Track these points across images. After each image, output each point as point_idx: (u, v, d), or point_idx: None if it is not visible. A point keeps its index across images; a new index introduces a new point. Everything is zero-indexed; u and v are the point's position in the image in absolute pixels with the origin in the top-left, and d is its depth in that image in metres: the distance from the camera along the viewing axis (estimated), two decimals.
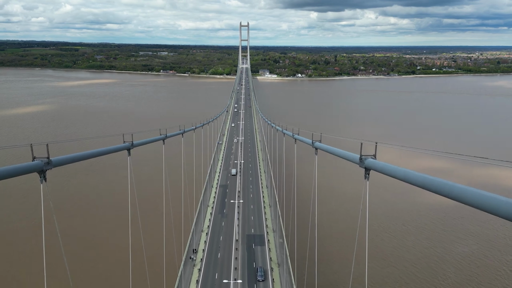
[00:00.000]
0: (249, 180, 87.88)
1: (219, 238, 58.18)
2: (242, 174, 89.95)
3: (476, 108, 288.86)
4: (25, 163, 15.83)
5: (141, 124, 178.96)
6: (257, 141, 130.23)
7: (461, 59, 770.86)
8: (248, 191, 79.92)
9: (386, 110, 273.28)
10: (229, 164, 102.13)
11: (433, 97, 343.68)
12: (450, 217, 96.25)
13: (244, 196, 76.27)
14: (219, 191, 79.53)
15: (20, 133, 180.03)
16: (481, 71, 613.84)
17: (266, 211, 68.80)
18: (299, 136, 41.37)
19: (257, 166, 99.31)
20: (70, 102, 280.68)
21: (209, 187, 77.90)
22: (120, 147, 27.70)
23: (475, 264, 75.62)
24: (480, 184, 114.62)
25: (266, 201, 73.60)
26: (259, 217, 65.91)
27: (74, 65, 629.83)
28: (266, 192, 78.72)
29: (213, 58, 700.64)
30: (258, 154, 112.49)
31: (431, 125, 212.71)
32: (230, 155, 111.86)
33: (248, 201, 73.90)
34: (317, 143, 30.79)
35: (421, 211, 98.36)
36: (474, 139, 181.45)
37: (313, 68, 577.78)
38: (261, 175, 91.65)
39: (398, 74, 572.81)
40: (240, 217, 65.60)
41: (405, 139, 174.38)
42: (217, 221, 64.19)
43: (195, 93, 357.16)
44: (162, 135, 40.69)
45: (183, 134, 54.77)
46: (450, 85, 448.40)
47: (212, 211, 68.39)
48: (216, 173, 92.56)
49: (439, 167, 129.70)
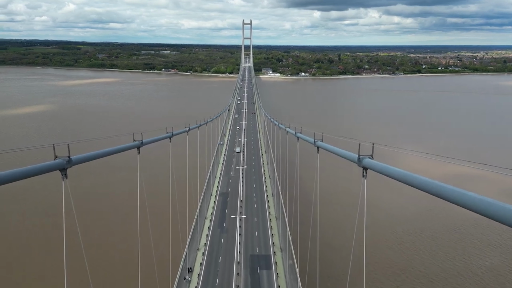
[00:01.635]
0: (253, 187, 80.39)
1: (218, 258, 50.93)
2: (244, 180, 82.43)
3: (493, 107, 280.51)
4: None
5: (142, 124, 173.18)
6: (261, 143, 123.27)
7: (466, 58, 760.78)
8: (251, 200, 72.51)
9: (394, 109, 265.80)
10: (230, 168, 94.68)
11: (444, 97, 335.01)
12: (467, 225, 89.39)
13: (247, 207, 68.49)
14: (219, 200, 71.92)
15: (26, 133, 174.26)
16: (488, 70, 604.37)
17: (272, 224, 61.00)
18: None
19: (261, 171, 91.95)
20: (71, 101, 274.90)
21: (207, 195, 70.65)
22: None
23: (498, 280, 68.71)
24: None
25: (272, 213, 65.85)
26: (264, 233, 58.15)
27: (76, 64, 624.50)
28: (272, 202, 71.28)
29: (215, 57, 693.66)
30: (262, 157, 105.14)
31: (444, 126, 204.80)
32: (232, 158, 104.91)
33: (251, 212, 66.22)
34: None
35: (437, 217, 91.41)
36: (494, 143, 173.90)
37: (316, 67, 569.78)
38: (265, 181, 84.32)
39: (403, 73, 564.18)
40: (243, 232, 58.02)
41: (414, 140, 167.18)
42: (216, 237, 56.79)
43: (196, 92, 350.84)
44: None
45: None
46: (458, 84, 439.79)
47: (211, 224, 61.10)
48: (216, 178, 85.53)
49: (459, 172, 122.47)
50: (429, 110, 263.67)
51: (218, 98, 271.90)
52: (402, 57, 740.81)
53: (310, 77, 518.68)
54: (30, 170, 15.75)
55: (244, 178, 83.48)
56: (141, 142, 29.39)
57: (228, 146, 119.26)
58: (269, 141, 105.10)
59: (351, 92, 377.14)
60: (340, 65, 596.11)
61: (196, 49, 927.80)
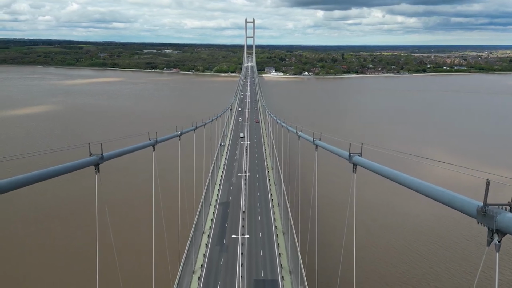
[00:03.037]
0: (256, 196, 72.85)
1: (217, 284, 43.65)
2: (247, 188, 75.22)
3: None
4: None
5: (142, 124, 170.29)
6: (264, 145, 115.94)
7: (471, 57, 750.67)
8: (255, 211, 65.09)
9: (399, 110, 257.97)
10: (232, 173, 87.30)
11: (454, 97, 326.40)
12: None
13: (251, 219, 61.05)
14: (219, 211, 64.48)
15: (28, 133, 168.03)
16: (494, 69, 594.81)
17: (279, 241, 53.43)
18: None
19: (265, 176, 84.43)
20: (71, 101, 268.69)
21: (205, 205, 63.41)
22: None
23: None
24: None
25: (279, 227, 58.24)
26: (270, 251, 50.52)
27: (77, 63, 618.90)
28: (278, 213, 63.77)
29: (218, 56, 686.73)
30: (267, 161, 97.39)
31: (461, 130, 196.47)
32: (234, 162, 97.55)
33: (255, 226, 58.70)
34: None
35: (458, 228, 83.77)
36: None
37: (320, 66, 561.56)
38: (270, 188, 76.97)
39: (408, 72, 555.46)
40: (246, 251, 50.49)
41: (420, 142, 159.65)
42: (214, 257, 49.35)
43: (197, 92, 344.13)
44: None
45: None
46: (466, 84, 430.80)
47: (209, 241, 53.90)
48: (216, 185, 78.36)
49: None
50: (439, 110, 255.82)
51: (219, 99, 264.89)
52: (407, 57, 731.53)
53: (313, 76, 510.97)
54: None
55: (247, 185, 76.38)
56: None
57: (229, 148, 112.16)
58: (273, 144, 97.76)
59: (356, 92, 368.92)
60: (343, 64, 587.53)
61: (198, 48, 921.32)
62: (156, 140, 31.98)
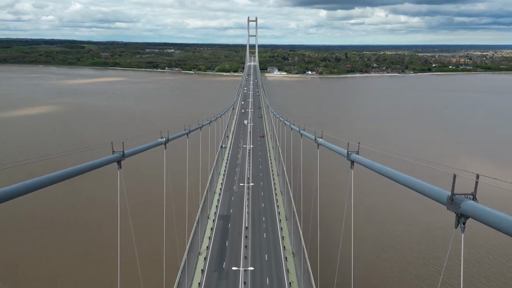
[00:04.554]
0: (261, 208, 64.52)
1: None
2: (250, 198, 67.76)
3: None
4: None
5: (143, 125, 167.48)
6: (269, 149, 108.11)
7: (476, 57, 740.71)
8: (259, 225, 57.54)
9: (408, 110, 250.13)
10: (233, 181, 79.41)
11: (464, 97, 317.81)
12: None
13: (254, 238, 53.03)
14: (218, 226, 56.60)
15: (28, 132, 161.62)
16: (501, 69, 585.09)
17: (289, 266, 45.15)
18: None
19: (271, 186, 76.02)
20: (70, 101, 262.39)
21: (202, 218, 55.81)
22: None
23: None
24: None
25: (288, 247, 50.31)
26: (279, 283, 42.23)
27: (78, 62, 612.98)
28: (286, 228, 55.88)
29: (220, 56, 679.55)
30: (272, 168, 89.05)
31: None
32: (236, 168, 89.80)
33: (259, 246, 50.87)
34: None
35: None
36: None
37: (323, 65, 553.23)
38: (277, 198, 68.64)
39: (413, 72, 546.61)
40: (249, 279, 42.37)
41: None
42: (211, 286, 42.31)
43: (198, 91, 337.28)
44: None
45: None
46: (475, 83, 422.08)
47: (205, 265, 45.68)
48: (215, 194, 70.50)
49: None
50: (449, 111, 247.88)
51: (222, 99, 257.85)
52: (411, 56, 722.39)
53: (317, 76, 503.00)
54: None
55: (250, 195, 68.61)
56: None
57: (231, 152, 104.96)
58: (279, 149, 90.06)
59: (360, 92, 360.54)
60: (347, 63, 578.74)
61: (200, 48, 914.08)
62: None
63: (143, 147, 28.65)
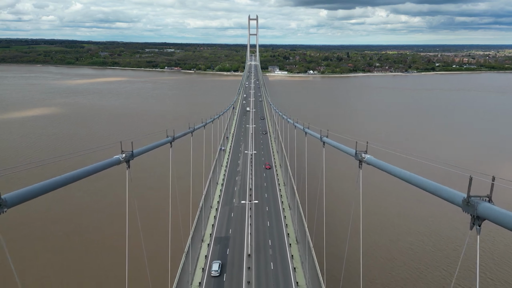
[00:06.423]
0: (266, 226, 54.97)
1: None
2: (253, 216, 58.11)
3: None
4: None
5: (144, 124, 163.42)
6: (273, 154, 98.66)
7: (478, 56, 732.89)
8: (265, 249, 48.05)
9: (414, 111, 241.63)
10: (233, 192, 69.48)
11: (471, 96, 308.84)
12: None
13: (259, 266, 43.41)
14: (213, 252, 46.81)
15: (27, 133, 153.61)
16: (505, 68, 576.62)
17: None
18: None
19: (277, 197, 66.19)
20: (76, 100, 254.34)
21: (196, 241, 46.71)
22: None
23: None
24: None
25: (301, 282, 40.72)
26: None
27: (77, 62, 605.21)
28: (297, 254, 46.47)
29: (220, 55, 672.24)
30: (278, 177, 79.21)
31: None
32: (236, 176, 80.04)
33: (266, 275, 41.72)
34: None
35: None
36: None
37: (325, 64, 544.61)
38: (284, 215, 58.38)
39: (416, 71, 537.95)
40: None
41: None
42: None
43: (198, 92, 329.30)
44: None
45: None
46: (481, 82, 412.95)
47: None
48: (211, 209, 60.55)
49: None
50: (459, 110, 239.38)
51: (222, 101, 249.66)
52: (413, 55, 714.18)
53: (319, 75, 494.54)
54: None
55: (253, 214, 58.40)
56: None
57: (231, 156, 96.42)
58: (287, 161, 79.68)
59: (365, 91, 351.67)
60: (349, 63, 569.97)
61: (201, 47, 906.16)
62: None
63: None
